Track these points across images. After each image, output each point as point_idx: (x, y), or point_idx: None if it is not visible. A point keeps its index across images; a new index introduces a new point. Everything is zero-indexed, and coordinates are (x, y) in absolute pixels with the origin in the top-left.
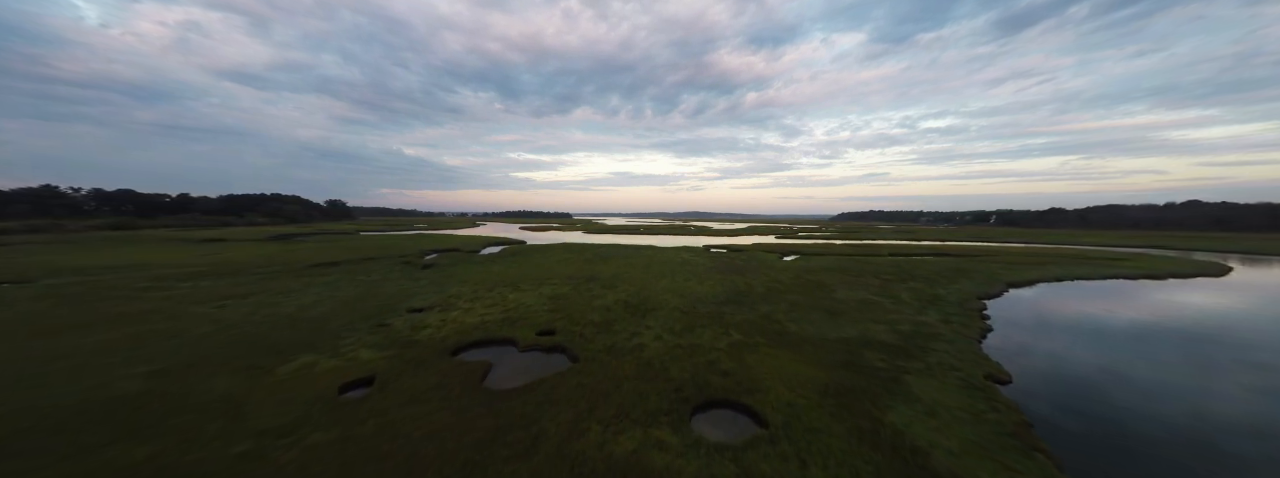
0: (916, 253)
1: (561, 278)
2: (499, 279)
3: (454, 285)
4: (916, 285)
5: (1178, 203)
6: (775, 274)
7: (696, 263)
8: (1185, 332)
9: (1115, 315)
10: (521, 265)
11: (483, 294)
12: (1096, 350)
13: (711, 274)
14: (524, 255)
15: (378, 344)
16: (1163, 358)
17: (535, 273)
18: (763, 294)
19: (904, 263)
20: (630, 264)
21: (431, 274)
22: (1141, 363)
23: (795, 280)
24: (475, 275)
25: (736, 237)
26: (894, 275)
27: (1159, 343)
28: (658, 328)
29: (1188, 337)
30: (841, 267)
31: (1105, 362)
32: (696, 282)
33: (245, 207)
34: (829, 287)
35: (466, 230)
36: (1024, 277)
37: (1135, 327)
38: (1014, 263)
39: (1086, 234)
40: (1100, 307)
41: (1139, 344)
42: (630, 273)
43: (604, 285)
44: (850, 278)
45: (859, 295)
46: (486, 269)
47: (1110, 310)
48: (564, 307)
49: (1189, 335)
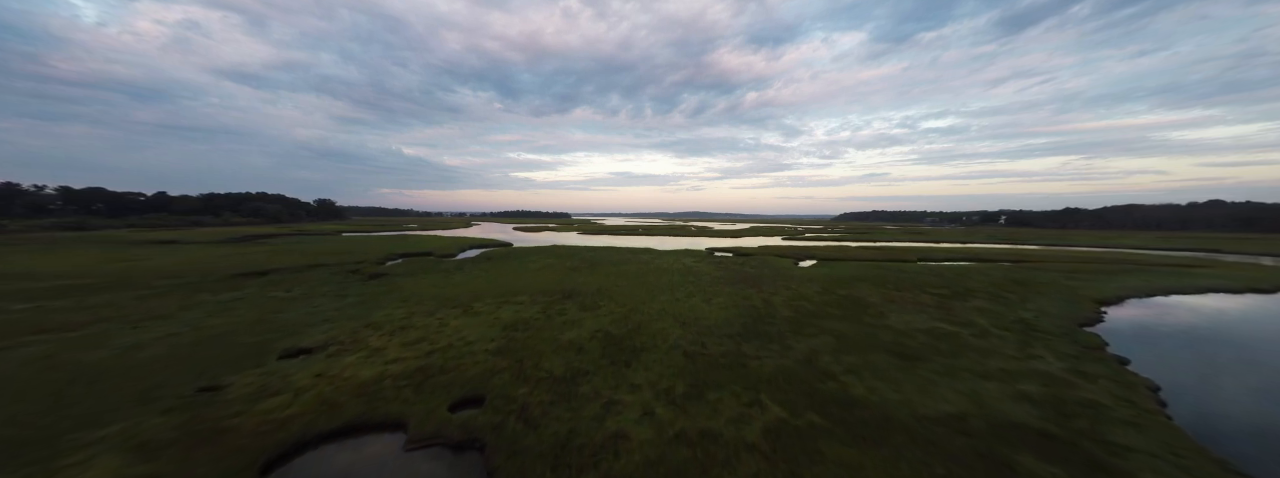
0: (946, 257)
1: (533, 293)
2: (453, 296)
3: (388, 306)
4: (983, 305)
5: (1200, 202)
6: (798, 287)
7: (700, 271)
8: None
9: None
10: (492, 275)
11: (416, 322)
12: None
13: (719, 287)
14: (501, 261)
15: (139, 444)
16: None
17: (503, 285)
18: (791, 319)
19: (942, 271)
20: (622, 273)
21: (371, 289)
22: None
23: (826, 296)
24: (426, 290)
25: (740, 238)
26: (943, 289)
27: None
28: (648, 390)
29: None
30: (871, 276)
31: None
32: (702, 299)
33: (225, 206)
34: (872, 306)
35: (456, 231)
36: (1103, 291)
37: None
38: (1074, 271)
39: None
40: (1272, 338)
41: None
42: (620, 286)
43: (583, 306)
44: (891, 292)
45: (921, 322)
46: (447, 280)
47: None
48: (518, 345)
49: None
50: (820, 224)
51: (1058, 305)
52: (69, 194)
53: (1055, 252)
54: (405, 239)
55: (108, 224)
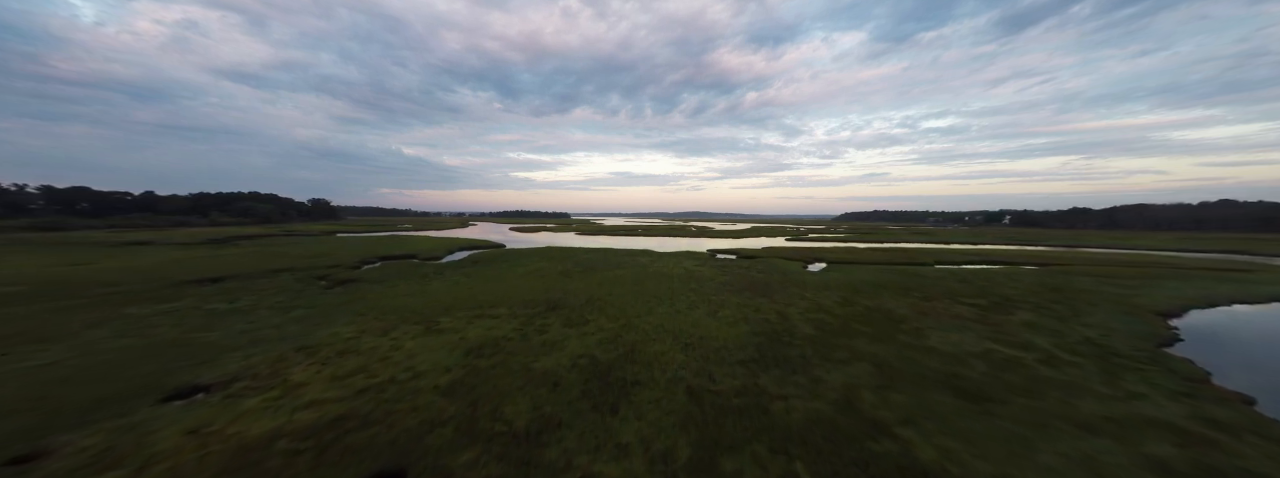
0: (964, 260)
1: (514, 304)
2: (421, 308)
3: (339, 322)
4: (1031, 318)
5: (1212, 202)
6: (813, 295)
7: (703, 276)
8: None
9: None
10: (473, 281)
11: (363, 344)
12: None
13: (725, 295)
14: (488, 265)
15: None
16: None
17: (483, 294)
18: (814, 339)
19: (966, 275)
20: (617, 279)
21: (331, 299)
22: None
23: (848, 308)
24: (393, 300)
25: (742, 238)
26: (977, 298)
27: None
28: (640, 454)
29: None
30: (891, 282)
31: None
32: (706, 310)
33: (214, 206)
34: (904, 320)
35: (449, 232)
36: (1156, 301)
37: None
38: (1108, 276)
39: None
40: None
41: None
42: (614, 295)
43: (569, 321)
44: (919, 302)
45: (970, 342)
46: (421, 288)
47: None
48: (478, 378)
49: None
50: (822, 224)
51: (1117, 319)
52: (52, 193)
53: (1077, 254)
54: (393, 241)
55: (88, 224)
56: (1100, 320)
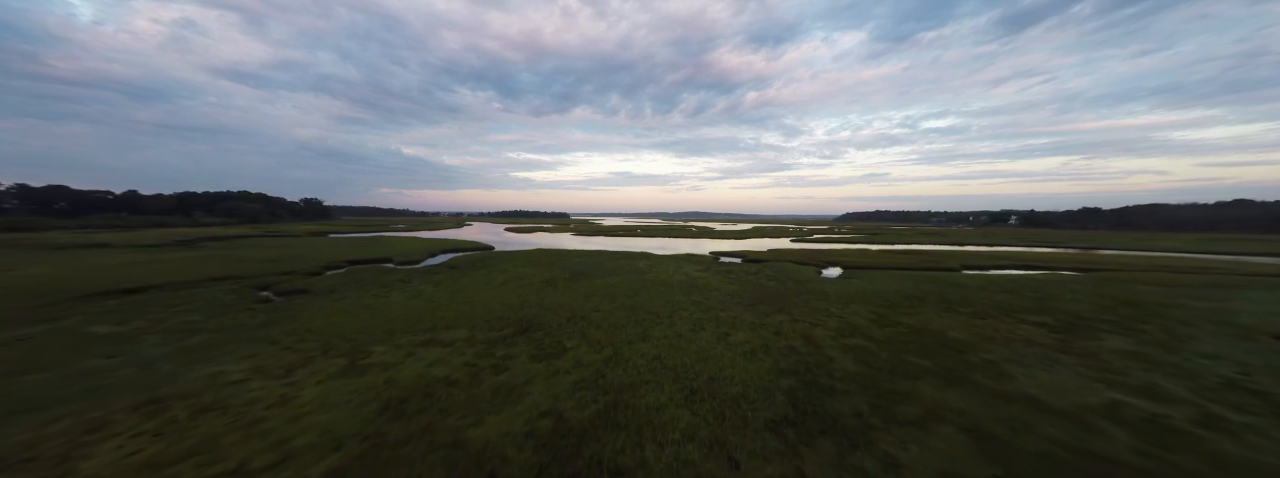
0: (991, 265)
1: (479, 324)
2: (359, 330)
3: (234, 357)
4: (1129, 346)
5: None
6: (840, 310)
7: (707, 285)
8: None
9: None
10: (439, 293)
11: (244, 392)
12: None
13: (735, 309)
14: (468, 270)
15: None
16: None
17: (445, 310)
18: (860, 378)
19: (1008, 284)
20: (610, 288)
21: (253, 318)
22: None
23: (889, 329)
24: (327, 321)
25: (744, 239)
26: (1043, 315)
27: None
28: None
29: None
30: (926, 292)
31: None
32: (715, 333)
33: (201, 205)
34: (967, 349)
35: (441, 232)
36: (1265, 320)
37: None
38: (1174, 285)
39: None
40: None
41: None
42: (603, 310)
43: (540, 349)
44: (973, 321)
45: (1077, 388)
46: (376, 301)
47: None
48: (376, 463)
49: None
50: (824, 225)
51: (1236, 346)
52: (27, 192)
53: (1113, 257)
54: (374, 243)
55: (61, 225)
56: (1216, 348)
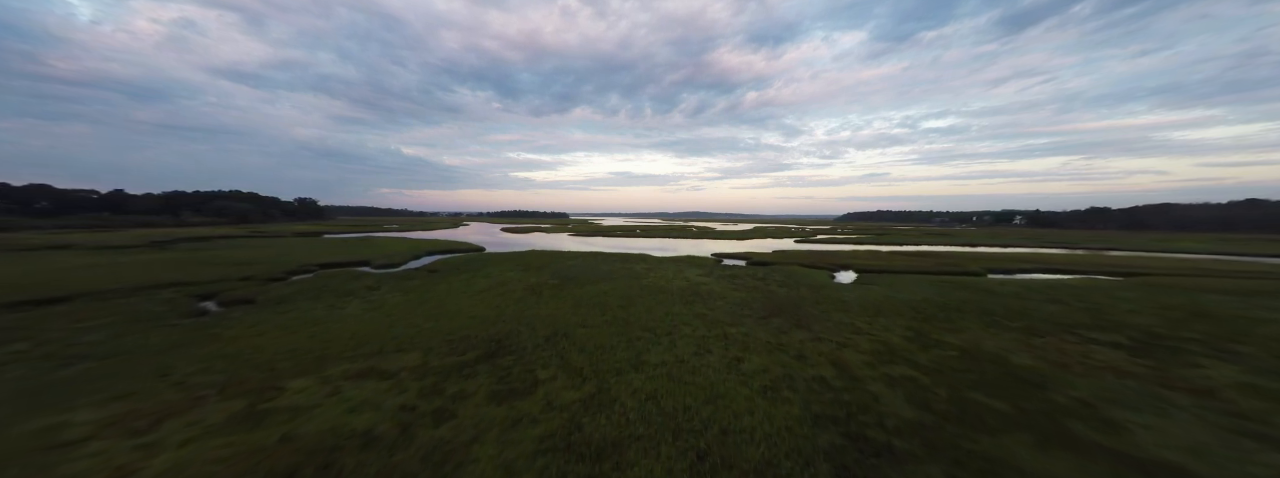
0: (1016, 268)
1: (434, 347)
2: (283, 356)
3: (93, 399)
4: (1240, 375)
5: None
6: (869, 325)
7: (711, 292)
8: None
9: None
10: (405, 303)
11: (66, 465)
12: None
13: (746, 324)
14: (448, 275)
15: None
16: None
17: (402, 326)
18: (920, 429)
19: (1047, 291)
20: (602, 297)
21: (163, 339)
22: None
23: (933, 351)
24: (255, 341)
25: (746, 240)
26: (1110, 332)
27: None
28: None
29: None
30: (962, 302)
31: None
32: (724, 358)
33: (189, 205)
34: (1046, 383)
35: (435, 233)
36: None
37: None
38: (1242, 293)
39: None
40: None
41: None
42: (591, 325)
43: (504, 385)
44: (1030, 338)
45: (1223, 450)
46: (326, 315)
47: None
48: None
49: None
50: (826, 225)
51: None
52: (5, 191)
53: (1142, 260)
54: (357, 244)
55: (36, 225)
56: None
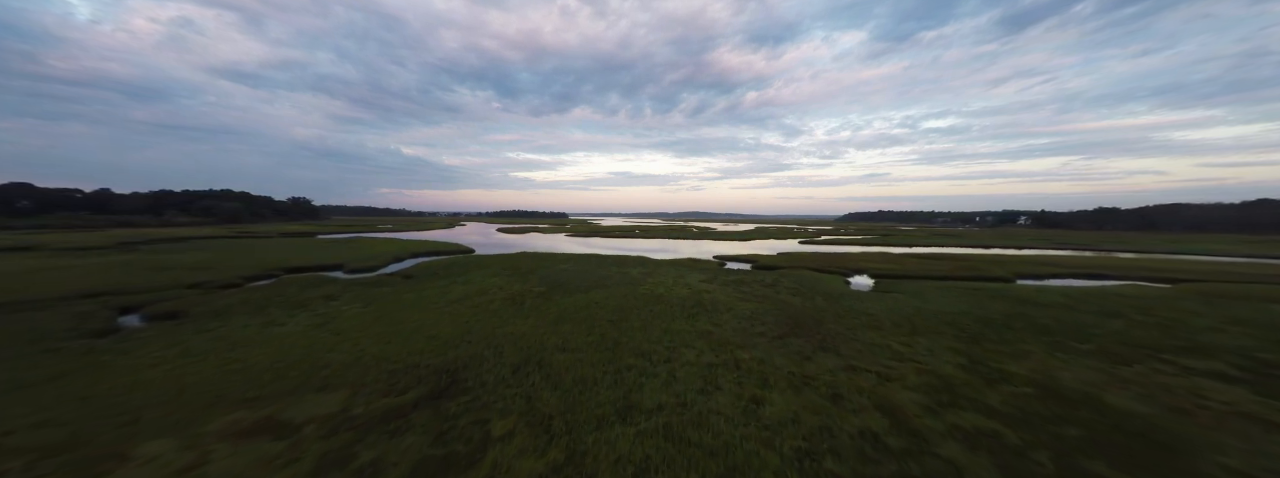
0: (1046, 273)
1: (366, 385)
2: (171, 397)
3: None
4: None
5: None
6: (908, 347)
7: (717, 302)
8: None
9: None
10: (361, 316)
11: None
12: None
13: (760, 346)
14: (420, 282)
15: None
16: None
17: (342, 352)
18: None
19: (1096, 302)
20: (591, 309)
21: (30, 372)
22: None
23: (1005, 390)
24: (139, 377)
25: (748, 241)
26: (1208, 356)
27: None
28: None
29: None
30: (1005, 316)
31: None
32: (737, 398)
33: (177, 204)
34: (1179, 442)
35: (428, 233)
36: None
37: None
38: None
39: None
40: None
41: None
42: (574, 349)
43: (447, 443)
44: (1113, 367)
45: None
46: (262, 334)
47: None
48: None
49: None
50: (827, 225)
51: None
52: None
53: (1177, 263)
54: (339, 246)
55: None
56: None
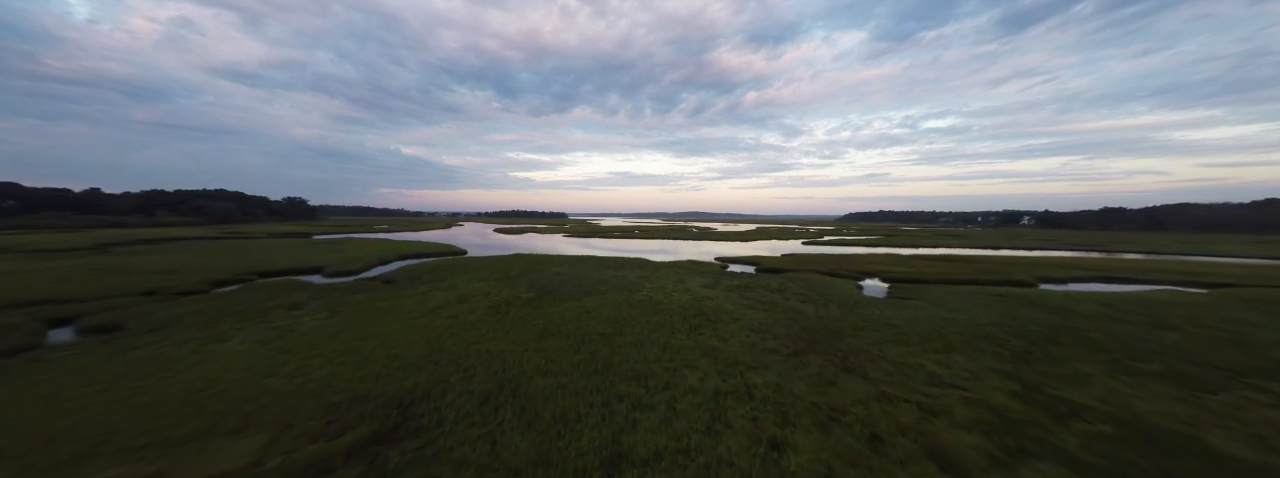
0: (1067, 276)
1: (294, 426)
2: (43, 445)
3: None
4: None
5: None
6: (945, 368)
7: (721, 311)
8: None
9: None
10: (320, 334)
11: None
12: None
13: (773, 364)
14: (404, 288)
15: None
16: None
17: (282, 379)
18: None
19: (1139, 310)
20: (584, 318)
21: None
22: None
23: (1078, 427)
24: (22, 409)
25: (749, 242)
26: None
27: None
28: None
29: None
30: (1046, 329)
31: None
32: (753, 438)
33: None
34: None
35: (423, 234)
36: None
37: None
38: None
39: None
40: None
41: None
42: (557, 372)
43: None
44: (1195, 395)
45: None
46: (198, 353)
47: None
48: None
49: None
50: (829, 225)
51: None
52: None
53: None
54: (326, 247)
55: None
56: None
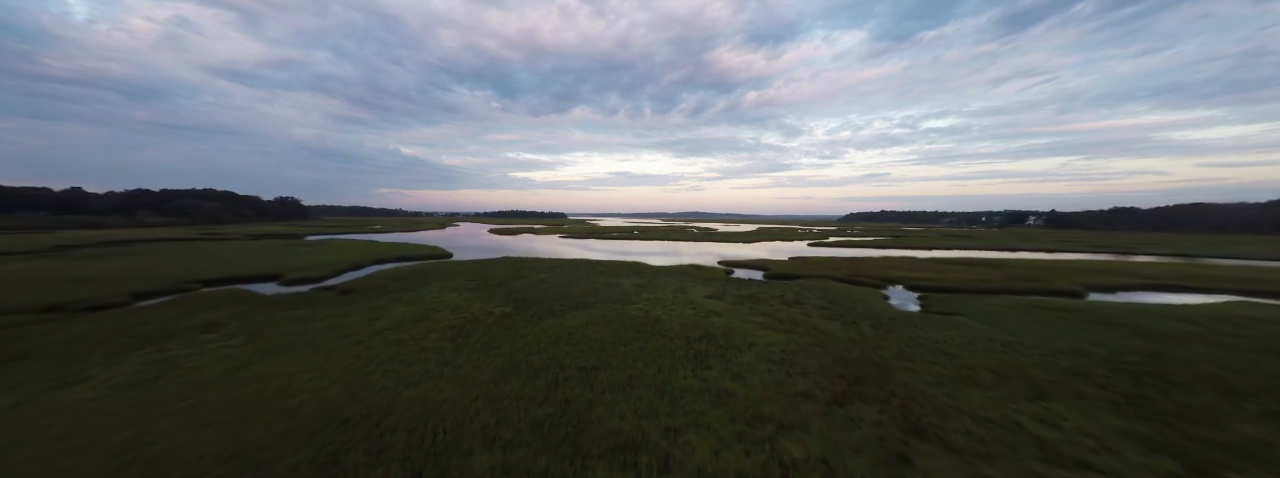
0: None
1: None
2: None
3: None
4: None
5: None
6: (1047, 424)
7: (731, 330)
8: None
9: None
10: (223, 367)
11: None
12: None
13: (810, 422)
14: (362, 299)
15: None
16: None
17: (125, 446)
18: None
19: (1228, 326)
20: (565, 339)
21: None
22: None
23: None
24: None
25: (752, 243)
26: None
27: None
28: None
29: None
30: (1147, 356)
31: None
32: None
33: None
34: None
35: (413, 235)
36: None
37: None
38: None
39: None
40: None
41: None
42: (506, 438)
43: None
44: None
45: None
46: (32, 400)
47: None
48: None
49: None
50: (830, 225)
51: None
52: None
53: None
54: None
55: None
56: None
